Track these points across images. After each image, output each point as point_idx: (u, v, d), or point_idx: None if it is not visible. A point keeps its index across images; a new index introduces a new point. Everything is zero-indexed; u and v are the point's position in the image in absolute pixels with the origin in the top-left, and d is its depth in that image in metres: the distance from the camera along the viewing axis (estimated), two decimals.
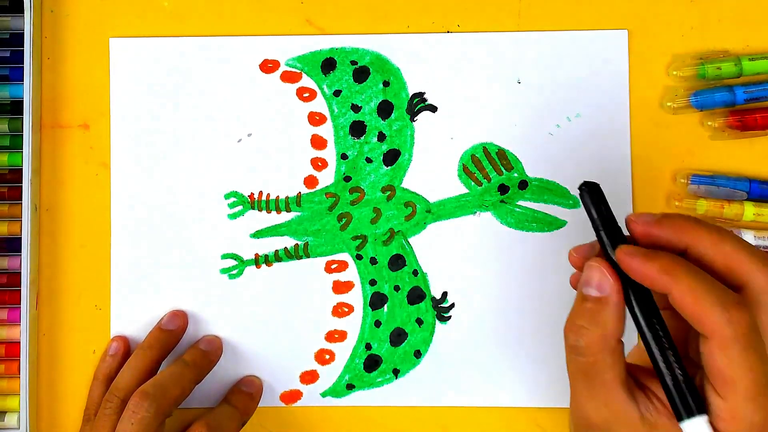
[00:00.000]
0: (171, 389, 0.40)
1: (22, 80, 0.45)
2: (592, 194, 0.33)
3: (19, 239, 0.45)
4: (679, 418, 0.30)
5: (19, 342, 0.44)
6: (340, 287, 0.46)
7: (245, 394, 0.44)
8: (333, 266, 0.46)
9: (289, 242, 0.46)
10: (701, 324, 0.29)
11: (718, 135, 0.45)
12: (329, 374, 0.46)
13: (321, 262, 0.46)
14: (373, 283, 0.46)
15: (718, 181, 0.45)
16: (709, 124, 0.45)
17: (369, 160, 0.46)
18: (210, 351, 0.44)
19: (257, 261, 0.46)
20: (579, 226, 0.46)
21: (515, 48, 0.46)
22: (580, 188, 0.33)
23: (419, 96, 0.46)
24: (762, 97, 0.45)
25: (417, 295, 0.46)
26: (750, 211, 0.44)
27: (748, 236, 0.44)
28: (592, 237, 0.46)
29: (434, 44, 0.46)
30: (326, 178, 0.46)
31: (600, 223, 0.32)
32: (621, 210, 0.45)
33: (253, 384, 0.45)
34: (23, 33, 0.45)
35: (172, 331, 0.44)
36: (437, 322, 0.46)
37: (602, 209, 0.33)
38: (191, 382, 0.42)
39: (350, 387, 0.46)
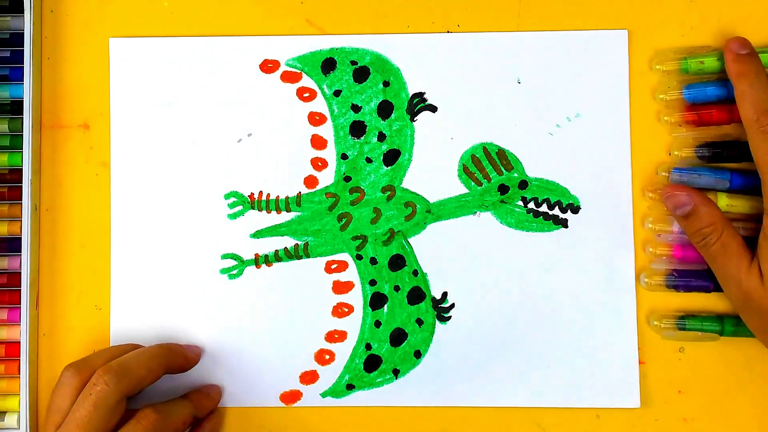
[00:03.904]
0: (136, 369, 0.41)
1: (22, 80, 0.45)
2: None
3: (19, 239, 0.45)
4: None
5: (19, 342, 0.45)
6: (340, 287, 0.46)
7: (202, 393, 0.45)
8: (333, 266, 0.46)
9: (289, 242, 0.46)
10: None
11: (676, 129, 0.45)
12: (329, 374, 0.46)
13: (321, 262, 0.46)
14: (373, 283, 0.46)
15: (700, 171, 0.44)
16: (665, 119, 0.45)
17: (369, 160, 0.46)
18: (188, 350, 0.45)
19: (257, 261, 0.46)
20: (579, 226, 0.46)
21: (515, 48, 0.46)
22: None
23: (419, 96, 0.46)
24: None
25: (417, 295, 0.46)
26: (723, 202, 0.44)
27: None
28: (590, 237, 0.46)
29: (434, 44, 0.46)
30: (326, 178, 0.46)
31: None
32: (621, 210, 0.45)
33: (212, 387, 0.45)
34: (23, 33, 0.45)
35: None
36: (437, 322, 0.46)
37: None
38: (161, 366, 0.42)
39: (350, 387, 0.46)
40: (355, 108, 0.46)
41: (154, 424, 0.40)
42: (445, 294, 0.46)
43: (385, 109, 0.46)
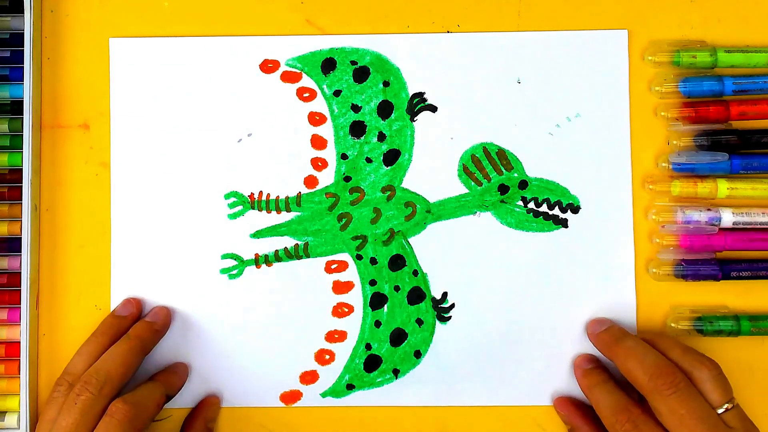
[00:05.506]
0: (113, 370, 0.41)
1: (22, 80, 0.46)
2: None
3: (19, 239, 0.45)
4: None
5: (19, 342, 0.45)
6: (340, 287, 0.46)
7: (169, 371, 0.45)
8: (333, 266, 0.46)
9: (289, 242, 0.46)
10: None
11: (673, 125, 0.45)
12: (329, 374, 0.46)
13: (321, 262, 0.46)
14: (373, 283, 0.46)
15: (698, 156, 0.44)
16: (663, 114, 0.45)
17: (369, 160, 0.46)
18: (155, 321, 0.45)
19: (257, 261, 0.46)
20: (579, 226, 0.46)
21: (515, 48, 0.46)
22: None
23: (419, 96, 0.46)
24: (750, 90, 0.44)
25: (417, 296, 0.46)
26: (723, 186, 0.44)
27: (727, 214, 0.44)
28: (590, 237, 0.46)
29: (434, 44, 0.46)
30: (326, 178, 0.46)
31: None
32: (621, 210, 0.45)
33: (177, 365, 0.46)
34: (23, 33, 0.45)
35: (125, 317, 0.45)
36: (437, 322, 0.46)
37: None
38: (136, 356, 0.43)
39: (350, 387, 0.46)
40: (355, 108, 0.47)
41: (127, 416, 0.40)
42: (445, 294, 0.46)
43: (385, 109, 0.46)
